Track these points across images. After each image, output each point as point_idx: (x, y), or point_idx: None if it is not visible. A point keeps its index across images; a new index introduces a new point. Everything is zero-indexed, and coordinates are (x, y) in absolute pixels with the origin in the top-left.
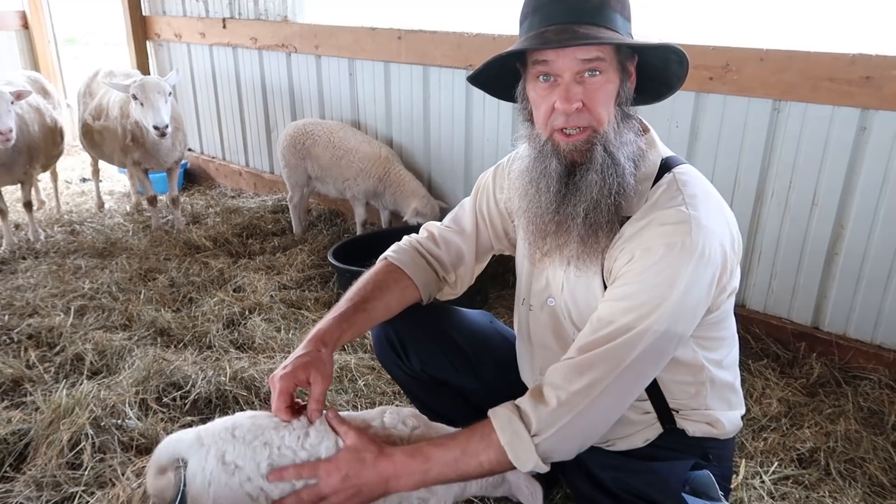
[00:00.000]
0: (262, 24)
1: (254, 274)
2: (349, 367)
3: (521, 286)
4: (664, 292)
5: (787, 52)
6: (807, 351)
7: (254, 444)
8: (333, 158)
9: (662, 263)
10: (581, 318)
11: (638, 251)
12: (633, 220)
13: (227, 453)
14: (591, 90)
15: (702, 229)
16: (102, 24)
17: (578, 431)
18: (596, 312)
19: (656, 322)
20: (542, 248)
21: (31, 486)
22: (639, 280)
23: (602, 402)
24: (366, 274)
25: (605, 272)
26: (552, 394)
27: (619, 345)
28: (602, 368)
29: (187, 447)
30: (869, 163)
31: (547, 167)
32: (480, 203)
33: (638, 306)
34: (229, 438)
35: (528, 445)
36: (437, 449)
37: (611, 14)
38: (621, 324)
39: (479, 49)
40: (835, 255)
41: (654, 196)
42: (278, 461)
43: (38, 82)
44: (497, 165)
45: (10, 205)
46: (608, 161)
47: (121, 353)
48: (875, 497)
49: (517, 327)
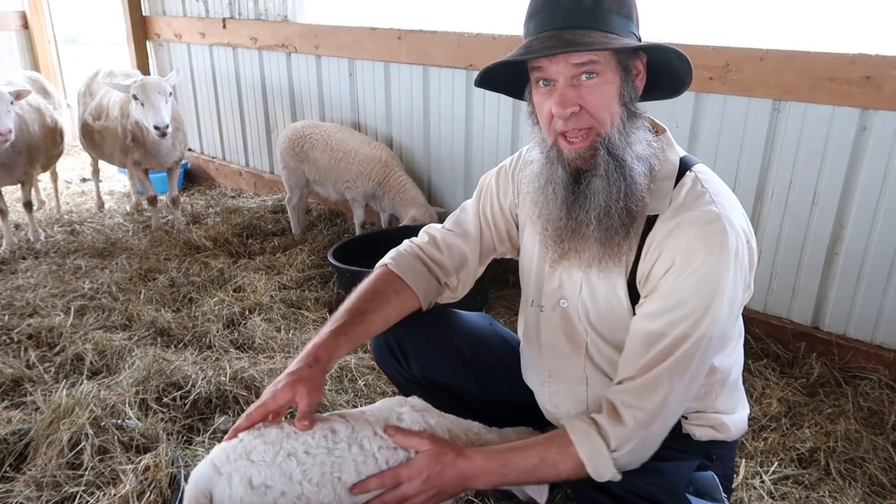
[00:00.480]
0: (262, 24)
1: (254, 274)
2: (349, 367)
3: (530, 288)
4: (711, 297)
5: (787, 52)
6: (807, 351)
7: (276, 461)
8: (332, 161)
9: (704, 269)
10: (601, 319)
11: (678, 257)
12: (664, 220)
13: (254, 477)
14: (588, 93)
15: (733, 228)
16: (102, 24)
17: (652, 443)
18: (643, 326)
19: (708, 327)
20: (559, 251)
21: (31, 486)
22: (684, 288)
23: (671, 412)
24: (364, 282)
25: (639, 276)
26: (628, 413)
27: (680, 356)
28: (669, 382)
29: (208, 480)
30: (869, 163)
31: (553, 174)
32: (484, 206)
33: (688, 315)
34: (250, 465)
35: (608, 460)
36: (515, 455)
37: (604, 16)
38: (676, 335)
39: (479, 49)
40: (835, 255)
41: (679, 195)
42: (311, 466)
43: (37, 82)
44: (500, 168)
45: (10, 205)
46: (612, 165)
47: (121, 353)
48: (875, 497)
49: (523, 329)
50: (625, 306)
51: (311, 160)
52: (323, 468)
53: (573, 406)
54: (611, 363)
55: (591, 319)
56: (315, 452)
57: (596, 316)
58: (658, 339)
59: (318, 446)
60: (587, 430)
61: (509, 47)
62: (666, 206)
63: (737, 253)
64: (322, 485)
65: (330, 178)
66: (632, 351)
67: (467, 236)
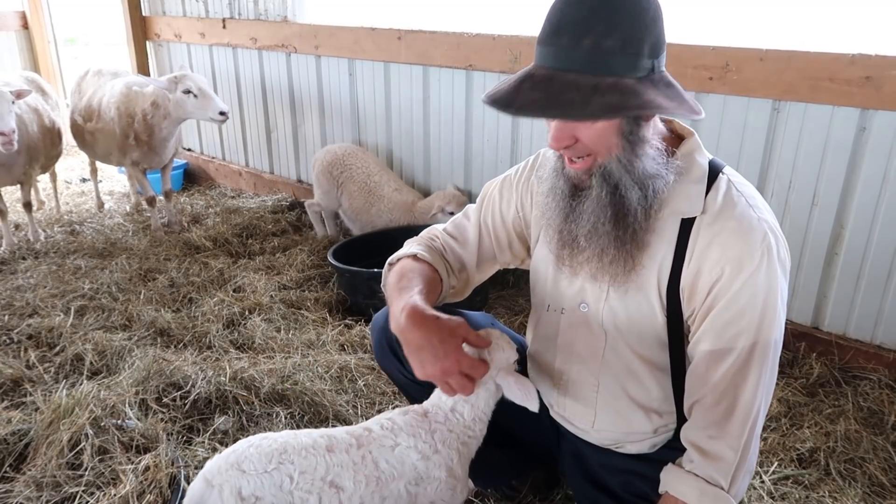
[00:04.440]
0: (262, 24)
1: (254, 274)
2: (349, 368)
3: (546, 292)
4: (767, 302)
5: (786, 52)
6: (807, 351)
7: (269, 470)
8: (366, 204)
9: (756, 276)
10: (631, 324)
11: (727, 267)
12: (705, 226)
13: (244, 488)
14: (582, 130)
15: (773, 232)
16: (102, 24)
17: (753, 458)
18: (705, 347)
19: (771, 332)
20: (575, 259)
21: (31, 487)
22: (739, 298)
23: (759, 420)
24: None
25: (682, 284)
26: (722, 446)
27: (751, 368)
28: (745, 396)
29: (201, 495)
30: (869, 163)
31: (556, 183)
32: (486, 216)
33: (749, 324)
34: (240, 475)
35: (730, 501)
36: None
37: (603, 58)
38: (742, 346)
39: (479, 49)
40: (835, 255)
41: (715, 200)
42: (304, 468)
43: (35, 83)
44: (505, 177)
45: (9, 205)
46: (606, 190)
47: (121, 353)
48: (875, 497)
49: (535, 333)
50: (657, 313)
51: (347, 193)
52: (316, 473)
53: (581, 411)
54: (628, 372)
55: (616, 324)
56: (310, 456)
57: (624, 321)
58: (725, 356)
59: (316, 450)
60: (699, 488)
61: (509, 47)
62: (699, 209)
63: (779, 254)
64: (312, 491)
65: (360, 219)
66: (698, 375)
67: (467, 244)
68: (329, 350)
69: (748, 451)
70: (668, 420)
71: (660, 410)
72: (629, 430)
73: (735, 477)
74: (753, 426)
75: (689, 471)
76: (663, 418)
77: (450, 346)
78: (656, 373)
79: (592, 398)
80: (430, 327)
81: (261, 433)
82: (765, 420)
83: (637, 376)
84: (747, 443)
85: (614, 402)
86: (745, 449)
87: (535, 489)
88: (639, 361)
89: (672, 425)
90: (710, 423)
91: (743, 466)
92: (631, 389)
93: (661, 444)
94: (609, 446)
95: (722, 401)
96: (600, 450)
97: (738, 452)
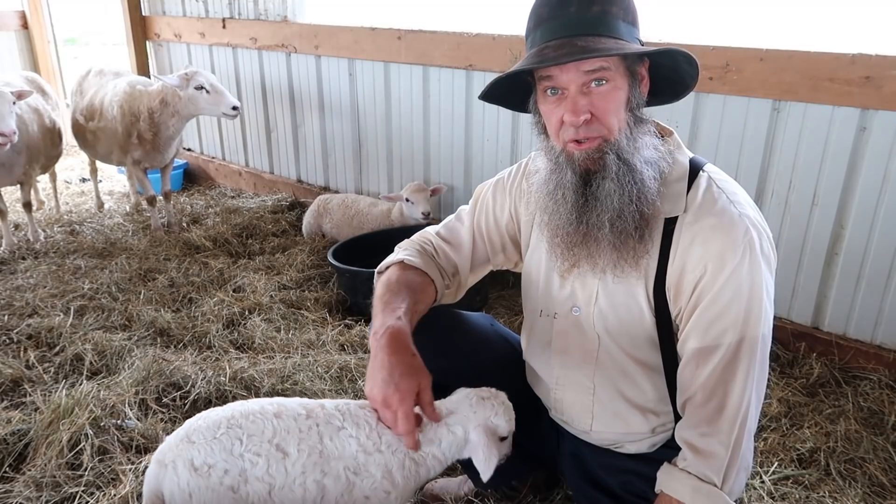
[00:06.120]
0: (262, 24)
1: (253, 274)
2: (349, 367)
3: (538, 298)
4: (752, 297)
5: (786, 52)
6: (807, 351)
7: (217, 436)
8: (345, 217)
9: (739, 272)
10: (621, 325)
11: (709, 264)
12: (686, 224)
13: (195, 458)
14: (598, 100)
15: (755, 227)
16: (102, 24)
17: (748, 454)
18: (693, 345)
19: (758, 327)
20: (571, 260)
21: (30, 487)
22: (723, 294)
23: (750, 418)
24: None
25: (667, 283)
26: (714, 443)
27: (739, 364)
28: (734, 392)
29: (155, 477)
30: (869, 163)
31: (562, 178)
32: (479, 219)
33: (734, 321)
34: (190, 446)
35: (724, 498)
36: None
37: (612, 22)
38: (728, 343)
39: (479, 49)
40: (835, 255)
41: (696, 198)
42: (252, 431)
43: (35, 83)
44: (497, 180)
45: (9, 205)
46: (623, 168)
47: (120, 353)
48: (875, 497)
49: (530, 338)
50: (646, 313)
51: (329, 216)
52: (263, 436)
53: (578, 415)
54: (623, 373)
55: (607, 327)
56: (256, 420)
57: (614, 323)
58: (712, 353)
59: (263, 415)
60: (692, 485)
61: (509, 47)
62: (681, 209)
63: (762, 249)
64: (261, 454)
65: (343, 234)
66: (687, 373)
67: (460, 247)
68: (329, 350)
69: (740, 446)
70: (665, 420)
71: (656, 410)
72: (627, 430)
73: (728, 474)
74: (744, 422)
75: (683, 469)
76: (660, 418)
77: (404, 386)
78: (650, 373)
79: (589, 401)
80: (401, 360)
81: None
82: (765, 420)
83: (631, 377)
84: (738, 439)
85: (611, 404)
86: (736, 445)
87: (535, 489)
88: (632, 363)
89: (670, 425)
90: (702, 421)
91: (735, 463)
92: (626, 391)
93: (661, 443)
94: (608, 447)
95: (712, 398)
96: (600, 450)
97: (729, 449)
